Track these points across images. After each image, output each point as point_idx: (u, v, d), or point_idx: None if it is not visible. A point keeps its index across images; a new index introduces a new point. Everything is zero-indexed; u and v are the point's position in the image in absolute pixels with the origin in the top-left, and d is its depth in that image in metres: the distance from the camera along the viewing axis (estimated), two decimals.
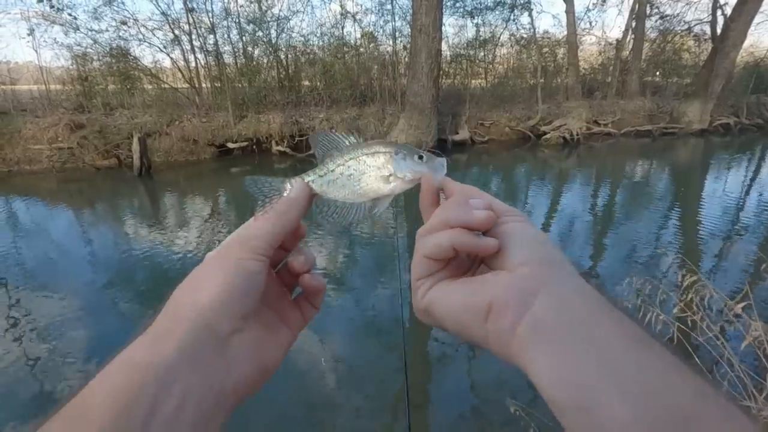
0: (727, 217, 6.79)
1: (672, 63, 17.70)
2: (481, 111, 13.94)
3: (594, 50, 18.73)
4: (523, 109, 14.33)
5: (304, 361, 3.38)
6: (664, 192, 8.92)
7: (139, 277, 4.96)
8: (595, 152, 12.99)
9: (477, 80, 16.34)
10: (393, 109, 12.80)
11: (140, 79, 13.07)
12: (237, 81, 13.34)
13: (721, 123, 15.08)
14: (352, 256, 5.53)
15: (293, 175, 0.52)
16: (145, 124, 10.98)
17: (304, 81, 14.53)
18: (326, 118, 12.24)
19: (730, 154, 12.60)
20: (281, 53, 13.97)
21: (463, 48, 16.06)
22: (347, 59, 14.69)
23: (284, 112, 12.25)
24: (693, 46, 18.27)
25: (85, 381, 0.33)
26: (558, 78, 16.67)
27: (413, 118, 11.38)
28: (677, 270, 2.15)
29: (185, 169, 10.81)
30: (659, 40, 17.71)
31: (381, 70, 14.53)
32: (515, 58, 17.04)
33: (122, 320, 4.04)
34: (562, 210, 7.41)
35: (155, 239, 6.04)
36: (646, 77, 17.31)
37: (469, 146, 13.13)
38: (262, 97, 12.85)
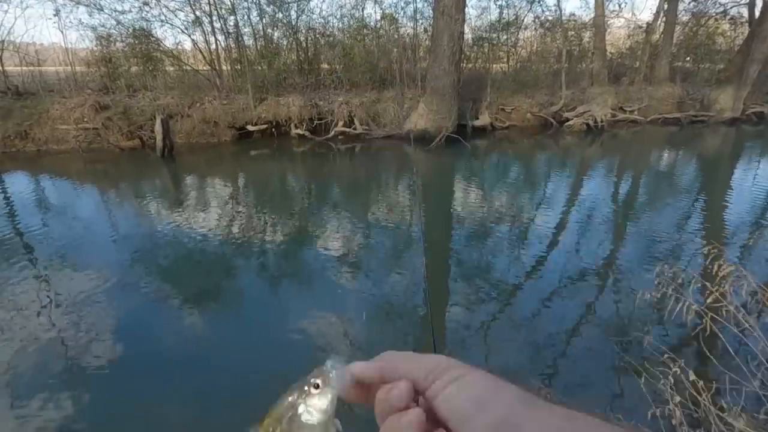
0: (756, 207, 6.56)
1: (705, 48, 16.95)
2: (502, 96, 13.65)
3: (622, 33, 18.06)
4: (545, 95, 13.97)
5: (325, 344, 3.44)
6: (691, 181, 8.65)
7: (162, 257, 5.08)
8: (620, 140, 12.64)
9: (499, 64, 15.96)
10: (413, 93, 12.63)
11: (162, 61, 13.18)
12: (257, 63, 13.33)
13: (754, 111, 14.44)
14: (370, 241, 5.55)
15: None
16: (167, 105, 11.11)
17: (324, 64, 14.44)
18: (345, 102, 12.17)
19: (763, 143, 12.11)
20: (301, 35, 13.88)
21: (486, 31, 15.66)
22: (367, 42, 14.50)
23: (303, 95, 12.23)
24: (728, 30, 17.45)
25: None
26: (583, 63, 16.16)
27: (433, 103, 11.22)
28: (709, 260, 2.10)
29: (206, 151, 10.94)
30: (692, 23, 16.95)
31: (401, 53, 14.31)
32: (539, 41, 16.56)
33: (145, 298, 4.16)
34: (583, 199, 7.26)
35: (177, 220, 6.16)
36: (677, 62, 16.64)
37: (489, 132, 12.92)
38: (281, 80, 12.84)
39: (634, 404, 2.22)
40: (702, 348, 2.11)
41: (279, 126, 12.13)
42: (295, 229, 5.97)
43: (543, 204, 6.99)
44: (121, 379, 3.04)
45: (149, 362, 3.24)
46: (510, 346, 3.37)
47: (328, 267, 4.71)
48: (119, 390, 2.94)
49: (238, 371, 3.12)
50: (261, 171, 9.41)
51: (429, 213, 6.84)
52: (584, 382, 2.92)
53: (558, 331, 3.48)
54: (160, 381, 3.04)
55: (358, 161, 10.60)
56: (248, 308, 4.01)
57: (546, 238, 5.45)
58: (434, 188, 8.39)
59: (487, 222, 6.10)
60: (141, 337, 3.56)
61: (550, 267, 4.69)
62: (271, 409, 0.39)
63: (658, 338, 2.75)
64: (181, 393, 2.92)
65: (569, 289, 4.20)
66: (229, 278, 4.57)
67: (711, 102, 14.18)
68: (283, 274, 4.68)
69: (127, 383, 3.00)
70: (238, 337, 3.53)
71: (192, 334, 3.59)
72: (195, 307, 4.00)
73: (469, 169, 9.57)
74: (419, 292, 4.24)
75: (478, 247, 5.29)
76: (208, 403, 2.84)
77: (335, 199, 7.55)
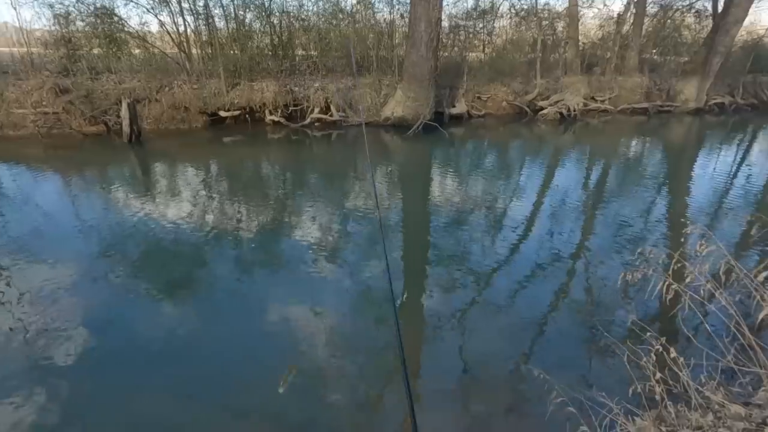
0: (718, 194, 6.87)
1: (671, 40, 17.49)
2: (478, 84, 13.72)
3: (594, 24, 18.38)
4: (520, 84, 14.14)
5: (299, 332, 3.39)
6: (659, 169, 8.96)
7: (132, 247, 4.87)
8: (592, 129, 12.95)
9: (475, 52, 15.98)
10: (390, 79, 12.51)
11: (127, 43, 12.52)
12: (229, 47, 12.86)
13: (716, 102, 15.08)
14: (343, 230, 5.49)
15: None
16: (133, 89, 10.61)
17: (299, 49, 14.08)
18: (321, 88, 11.95)
19: (724, 133, 12.66)
20: (274, 18, 13.46)
21: (462, 18, 15.63)
22: (343, 27, 14.21)
23: (278, 80, 11.91)
24: (693, 23, 18.03)
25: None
26: (557, 52, 16.38)
27: (411, 90, 11.15)
28: (679, 240, 2.16)
29: (176, 137, 10.54)
30: (660, 15, 17.43)
31: (378, 39, 14.11)
32: (514, 30, 16.67)
33: (115, 290, 3.99)
34: (557, 185, 7.42)
35: (147, 209, 5.93)
36: (645, 54, 17.11)
37: (466, 120, 12.99)
38: (255, 65, 12.43)
39: (614, 382, 2.28)
40: (681, 326, 2.18)
41: (253, 112, 11.80)
42: (270, 217, 5.84)
43: (518, 191, 7.10)
44: (91, 375, 2.91)
45: (120, 356, 3.11)
46: (489, 329, 3.41)
47: (303, 255, 4.64)
48: (88, 386, 2.82)
49: (212, 361, 3.04)
50: (235, 158, 9.14)
51: (407, 200, 6.83)
52: (565, 362, 2.99)
53: (537, 314, 3.55)
54: (132, 374, 2.92)
55: (335, 148, 10.45)
56: (222, 298, 3.90)
57: (522, 224, 5.54)
58: (412, 175, 8.38)
59: (464, 208, 6.14)
60: (111, 330, 3.41)
61: (526, 251, 4.77)
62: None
63: (642, 317, 2.84)
64: (154, 386, 2.82)
65: (546, 272, 4.29)
66: (203, 268, 4.43)
67: (676, 93, 14.70)
68: (257, 263, 4.57)
69: (96, 378, 2.87)
70: (212, 327, 3.43)
71: (164, 326, 3.47)
72: (167, 297, 3.86)
73: (447, 157, 9.60)
74: (397, 276, 4.24)
75: (455, 233, 5.33)
76: (182, 394, 2.75)
77: (311, 186, 7.43)
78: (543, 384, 2.06)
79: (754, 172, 8.33)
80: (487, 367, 2.96)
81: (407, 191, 7.30)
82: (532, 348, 3.12)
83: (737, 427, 1.52)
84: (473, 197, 6.71)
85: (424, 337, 3.42)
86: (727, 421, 1.57)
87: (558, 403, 1.90)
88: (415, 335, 3.42)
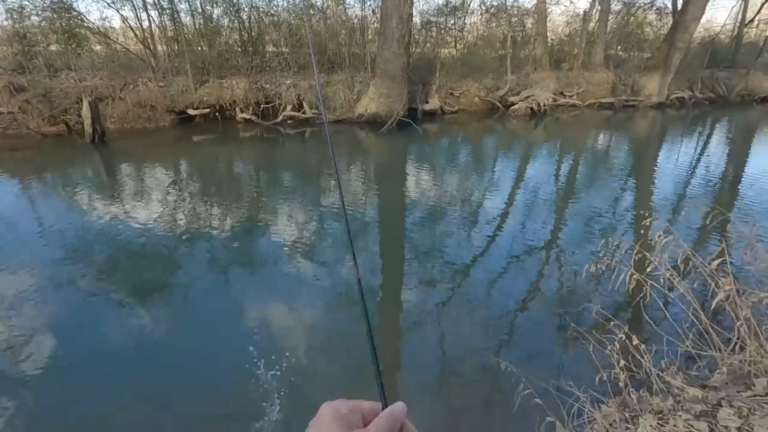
0: (679, 185, 7.17)
1: (635, 36, 18.09)
2: (451, 80, 13.82)
3: (562, 21, 18.82)
4: (492, 79, 14.33)
5: (273, 333, 3.35)
6: (625, 161, 9.28)
7: (98, 251, 4.70)
8: (561, 123, 13.26)
9: (447, 49, 16.10)
10: (363, 76, 12.45)
11: (87, 39, 12.00)
12: (196, 43, 12.51)
13: (677, 96, 15.69)
14: (318, 229, 5.45)
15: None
16: (95, 87, 10.18)
17: (269, 45, 13.83)
18: (293, 85, 11.78)
19: (684, 127, 13.21)
20: (243, 14, 13.17)
21: (433, 15, 15.71)
22: (314, 22, 14.04)
23: (248, 77, 11.67)
24: (654, 20, 18.70)
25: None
26: (527, 48, 16.69)
27: (384, 86, 11.13)
28: (648, 232, 2.24)
29: (143, 136, 10.19)
30: (623, 12, 17.98)
31: (350, 35, 14.02)
32: (485, 26, 16.87)
33: (81, 296, 3.84)
34: (529, 179, 7.58)
35: (113, 211, 5.72)
36: (610, 50, 17.63)
37: (439, 116, 13.07)
38: (224, 61, 12.15)
39: (583, 371, 2.35)
40: (643, 314, 2.27)
41: (223, 110, 11.54)
42: (242, 217, 5.73)
43: (492, 185, 7.21)
44: (56, 385, 2.79)
45: (87, 365, 2.99)
46: (465, 322, 3.46)
47: (276, 256, 4.58)
48: (53, 397, 2.70)
49: (183, 366, 2.97)
50: (205, 157, 8.91)
51: (382, 196, 6.84)
52: (537, 352, 3.07)
53: (510, 306, 3.62)
54: (99, 383, 2.82)
55: (309, 146, 10.34)
56: (194, 301, 3.81)
57: (495, 218, 5.64)
58: (387, 172, 8.38)
59: (439, 204, 6.19)
60: (77, 338, 3.28)
61: (499, 245, 4.86)
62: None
63: (607, 307, 2.93)
64: (125, 393, 2.73)
65: (516, 265, 4.38)
66: (174, 271, 4.31)
67: (640, 87, 15.21)
68: (229, 265, 4.48)
69: (62, 389, 2.76)
70: (184, 331, 3.35)
71: (134, 331, 3.36)
72: (137, 302, 3.74)
73: (421, 153, 9.65)
74: (375, 274, 4.25)
75: (430, 228, 5.37)
76: (153, 402, 2.68)
77: (284, 185, 7.33)
78: (511, 376, 2.10)
79: (712, 162, 8.74)
80: (459, 360, 3.00)
81: (382, 188, 7.30)
82: (503, 341, 3.19)
83: (694, 409, 1.59)
84: (447, 193, 6.78)
85: (397, 331, 3.44)
86: (685, 404, 1.64)
87: (525, 395, 1.94)
88: (388, 330, 3.43)
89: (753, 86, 16.75)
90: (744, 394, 1.64)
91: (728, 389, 1.69)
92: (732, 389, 1.70)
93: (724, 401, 1.60)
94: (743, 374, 1.75)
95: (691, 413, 1.58)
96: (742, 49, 18.35)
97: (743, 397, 1.61)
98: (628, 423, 1.65)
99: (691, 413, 1.58)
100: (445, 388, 2.75)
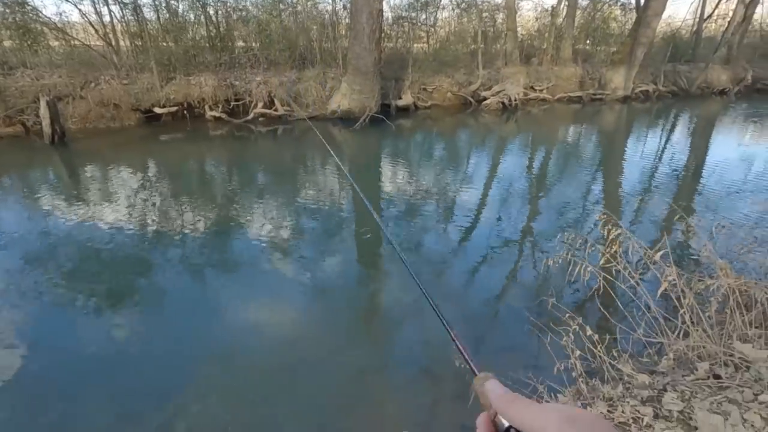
0: (644, 176, 7.44)
1: (601, 31, 18.56)
2: (423, 76, 13.87)
3: (531, 16, 19.14)
4: (464, 75, 14.45)
5: (248, 338, 3.32)
6: (593, 154, 9.54)
7: (63, 256, 4.53)
8: (532, 117, 13.52)
9: (419, 44, 16.15)
10: (335, 72, 12.36)
11: (44, 34, 11.46)
12: (161, 39, 12.13)
13: (642, 90, 16.21)
14: (295, 228, 5.41)
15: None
16: (54, 85, 9.76)
17: (238, 41, 13.54)
18: (264, 81, 11.58)
19: (649, 119, 13.67)
20: (210, 9, 12.84)
21: (405, 10, 15.72)
22: (284, 18, 13.83)
23: (217, 74, 11.41)
24: (620, 15, 19.24)
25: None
26: (497, 43, 16.90)
27: (356, 82, 11.08)
28: (603, 225, 2.32)
29: (107, 136, 9.84)
30: (590, 8, 18.42)
31: (321, 31, 13.87)
32: (457, 21, 16.99)
33: (45, 304, 3.70)
34: (501, 173, 7.71)
35: (78, 214, 5.52)
36: (578, 45, 18.05)
37: (412, 111, 13.11)
38: (191, 57, 11.83)
39: (545, 362, 2.42)
40: (598, 305, 2.35)
41: (192, 108, 11.25)
42: (213, 217, 5.62)
43: (465, 180, 7.30)
44: (20, 399, 2.68)
45: (50, 375, 2.89)
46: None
47: (255, 256, 4.52)
48: (12, 410, 2.60)
49: (157, 375, 2.90)
50: (174, 157, 8.68)
51: (357, 193, 6.83)
52: (505, 345, 3.14)
53: (482, 301, 3.69)
54: (66, 395, 2.73)
55: (281, 143, 10.21)
56: (164, 307, 3.73)
57: (468, 213, 5.71)
58: (361, 168, 8.36)
59: (413, 199, 6.23)
60: (39, 348, 3.16)
61: (472, 240, 4.93)
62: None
63: (563, 299, 3.03)
64: (88, 407, 2.65)
65: (491, 259, 4.46)
66: (144, 275, 4.20)
67: (607, 81, 15.65)
68: (202, 268, 4.40)
69: (22, 401, 2.66)
70: (154, 340, 3.27)
71: (103, 340, 3.26)
72: (105, 309, 3.64)
73: (395, 149, 9.67)
74: (351, 272, 4.25)
75: (406, 224, 5.40)
76: (124, 413, 2.61)
77: (257, 183, 7.22)
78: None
79: (676, 153, 9.10)
80: (418, 359, 3.04)
81: (356, 183, 7.28)
82: (479, 333, 3.25)
83: (642, 395, 1.67)
84: (422, 188, 6.82)
85: (369, 329, 3.46)
86: (633, 391, 1.72)
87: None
88: (356, 327, 3.45)
89: (711, 79, 17.47)
90: (687, 378, 1.73)
91: (674, 374, 1.78)
92: (677, 374, 1.79)
93: (669, 386, 1.68)
94: (688, 359, 1.84)
95: (638, 399, 1.65)
96: (701, 44, 19.10)
97: (686, 381, 1.70)
98: None
99: (638, 399, 1.65)
100: (408, 385, 2.78)
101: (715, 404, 1.56)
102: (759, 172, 7.52)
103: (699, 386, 1.64)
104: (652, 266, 1.92)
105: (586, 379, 1.86)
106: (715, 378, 1.75)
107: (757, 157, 8.63)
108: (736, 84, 17.55)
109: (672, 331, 1.94)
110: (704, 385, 1.67)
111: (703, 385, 1.66)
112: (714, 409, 1.53)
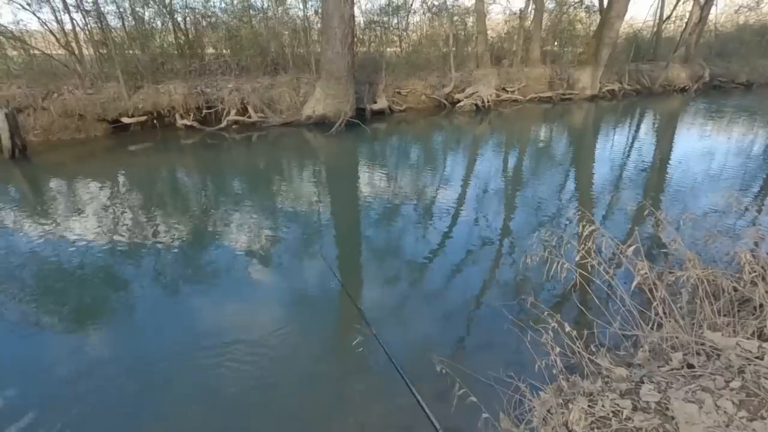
0: (614, 172, 7.67)
1: (567, 33, 19.11)
2: (397, 79, 13.95)
3: (501, 19, 19.53)
4: (437, 77, 14.60)
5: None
6: (564, 152, 9.78)
7: (27, 274, 4.32)
8: (505, 118, 13.76)
9: (392, 48, 16.25)
10: (308, 77, 12.28)
11: (0, 44, 10.97)
12: (127, 47, 11.80)
13: (608, 89, 16.76)
14: (274, 233, 5.33)
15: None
16: (13, 97, 9.35)
17: (208, 47, 13.31)
18: (236, 88, 11.41)
19: (616, 116, 14.13)
20: (178, 15, 12.57)
21: (377, 14, 15.80)
22: (254, 23, 13.67)
23: (187, 81, 11.17)
24: (585, 17, 19.85)
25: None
26: (469, 46, 17.17)
27: (330, 87, 11.04)
28: (578, 222, 2.36)
29: (72, 148, 9.48)
30: (556, 10, 18.94)
31: (293, 36, 13.78)
32: (428, 25, 17.17)
33: (8, 325, 3.51)
34: (477, 174, 7.81)
35: (42, 230, 5.29)
36: (546, 46, 18.52)
37: (387, 115, 13.15)
38: (159, 65, 11.55)
39: (526, 360, 2.45)
40: (575, 300, 2.39)
41: (162, 117, 10.97)
42: (186, 228, 5.47)
43: (442, 181, 7.35)
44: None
45: (19, 399, 2.73)
46: (422, 319, 3.51)
47: (227, 267, 4.43)
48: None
49: (132, 394, 2.79)
50: (144, 167, 8.42)
51: (335, 198, 6.79)
52: (486, 345, 3.15)
53: (461, 301, 3.71)
54: (35, 419, 2.59)
55: (256, 150, 10.05)
56: (136, 324, 3.60)
57: (446, 214, 5.75)
58: (338, 173, 8.32)
59: (391, 202, 6.23)
60: (8, 372, 3.00)
61: (451, 241, 4.96)
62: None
63: (542, 297, 3.07)
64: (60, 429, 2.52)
65: (470, 259, 4.50)
66: (113, 291, 4.04)
67: (575, 81, 16.10)
68: (180, 280, 4.27)
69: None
70: (126, 359, 3.15)
71: (71, 359, 3.11)
72: (73, 327, 3.49)
73: (372, 153, 9.66)
74: (330, 278, 4.20)
75: (385, 228, 5.39)
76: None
77: (230, 191, 7.08)
78: (447, 375, 2.15)
79: (643, 148, 9.43)
80: (405, 361, 3.03)
81: (333, 189, 7.24)
82: (461, 332, 3.26)
83: (620, 388, 1.70)
84: (400, 191, 6.83)
85: (349, 331, 3.42)
86: (612, 384, 1.75)
87: (463, 392, 1.98)
88: (348, 331, 3.40)
89: (672, 77, 18.21)
90: (663, 369, 1.77)
91: (650, 365, 1.83)
92: (653, 365, 1.84)
93: (646, 378, 1.72)
94: (662, 350, 1.89)
95: (617, 392, 1.68)
96: (661, 44, 19.91)
97: (662, 372, 1.74)
98: (563, 408, 1.74)
99: (617, 392, 1.68)
100: (393, 387, 2.76)
101: (689, 393, 1.61)
102: (720, 163, 7.87)
103: (674, 376, 1.69)
104: (625, 260, 1.97)
105: (566, 376, 1.89)
106: (688, 367, 1.81)
107: (717, 149, 9.03)
108: (695, 81, 18.34)
109: (646, 323, 1.99)
110: (679, 375, 1.71)
111: (678, 375, 1.70)
112: (689, 398, 1.57)
